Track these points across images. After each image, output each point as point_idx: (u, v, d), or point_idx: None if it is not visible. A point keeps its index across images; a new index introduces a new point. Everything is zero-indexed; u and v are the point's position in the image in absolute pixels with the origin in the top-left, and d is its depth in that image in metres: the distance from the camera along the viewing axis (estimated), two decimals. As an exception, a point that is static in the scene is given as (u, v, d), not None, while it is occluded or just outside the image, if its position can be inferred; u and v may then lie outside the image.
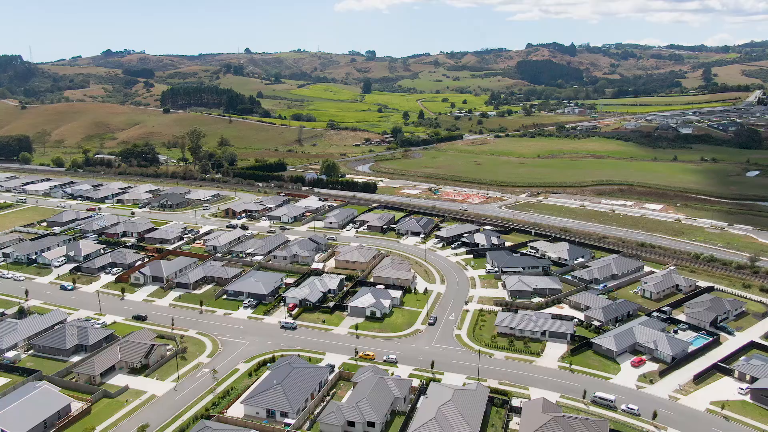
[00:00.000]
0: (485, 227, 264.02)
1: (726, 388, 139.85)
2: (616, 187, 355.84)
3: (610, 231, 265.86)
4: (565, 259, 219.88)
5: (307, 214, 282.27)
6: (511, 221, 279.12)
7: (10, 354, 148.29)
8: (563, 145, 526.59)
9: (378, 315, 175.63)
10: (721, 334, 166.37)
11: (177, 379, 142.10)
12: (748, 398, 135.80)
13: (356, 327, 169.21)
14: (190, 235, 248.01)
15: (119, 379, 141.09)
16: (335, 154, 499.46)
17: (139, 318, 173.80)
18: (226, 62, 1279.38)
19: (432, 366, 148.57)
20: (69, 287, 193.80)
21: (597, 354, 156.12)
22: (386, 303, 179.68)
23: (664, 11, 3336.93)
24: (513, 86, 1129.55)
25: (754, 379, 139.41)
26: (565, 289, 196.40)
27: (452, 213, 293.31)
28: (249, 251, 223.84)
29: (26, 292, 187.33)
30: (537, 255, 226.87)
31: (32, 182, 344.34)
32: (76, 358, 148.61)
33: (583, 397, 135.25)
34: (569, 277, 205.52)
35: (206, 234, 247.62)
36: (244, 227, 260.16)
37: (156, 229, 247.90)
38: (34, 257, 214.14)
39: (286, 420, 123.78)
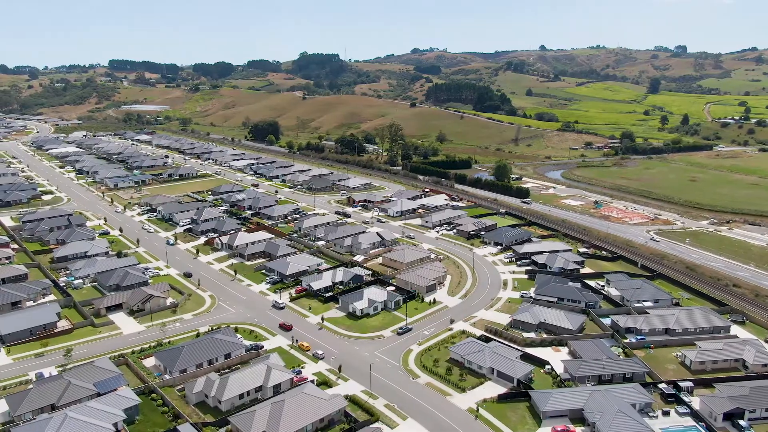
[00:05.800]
0: (580, 249, 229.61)
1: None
2: None
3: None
4: (628, 300, 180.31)
5: (420, 210, 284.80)
6: (634, 249, 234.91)
7: (77, 281, 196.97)
8: None
9: (357, 313, 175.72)
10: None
11: (151, 326, 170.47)
12: None
13: (323, 319, 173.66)
14: (296, 215, 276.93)
15: (117, 316, 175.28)
16: (540, 156, 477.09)
17: (187, 275, 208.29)
18: (514, 59, 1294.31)
19: (339, 370, 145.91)
20: (171, 242, 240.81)
21: (530, 409, 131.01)
22: (376, 304, 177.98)
23: None
24: None
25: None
26: (591, 331, 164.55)
27: (572, 228, 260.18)
28: (320, 236, 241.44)
29: (137, 241, 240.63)
30: (601, 288, 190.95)
31: (239, 158, 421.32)
32: (110, 294, 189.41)
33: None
34: (608, 320, 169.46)
35: (308, 216, 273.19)
36: (346, 215, 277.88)
37: (271, 206, 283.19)
38: (171, 217, 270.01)
39: (165, 376, 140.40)
